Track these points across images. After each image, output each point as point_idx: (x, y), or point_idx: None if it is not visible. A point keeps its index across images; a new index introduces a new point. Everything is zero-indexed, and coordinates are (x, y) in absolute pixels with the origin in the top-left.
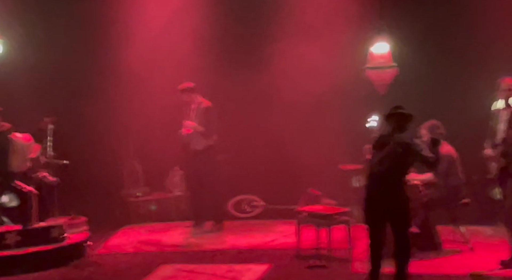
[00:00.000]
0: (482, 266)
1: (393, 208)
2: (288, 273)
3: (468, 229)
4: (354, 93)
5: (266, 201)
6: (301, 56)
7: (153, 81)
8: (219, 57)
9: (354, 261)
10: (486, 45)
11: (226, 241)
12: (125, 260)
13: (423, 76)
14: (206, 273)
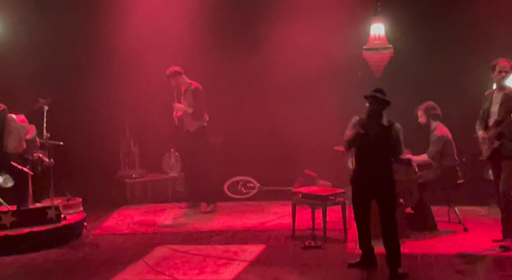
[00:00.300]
0: (475, 246)
1: (378, 188)
2: (283, 254)
3: (462, 210)
4: (350, 74)
5: (262, 182)
6: (297, 37)
7: (149, 62)
8: (214, 37)
9: (349, 241)
10: (481, 26)
11: (222, 222)
12: (121, 241)
13: (419, 58)
14: (201, 254)
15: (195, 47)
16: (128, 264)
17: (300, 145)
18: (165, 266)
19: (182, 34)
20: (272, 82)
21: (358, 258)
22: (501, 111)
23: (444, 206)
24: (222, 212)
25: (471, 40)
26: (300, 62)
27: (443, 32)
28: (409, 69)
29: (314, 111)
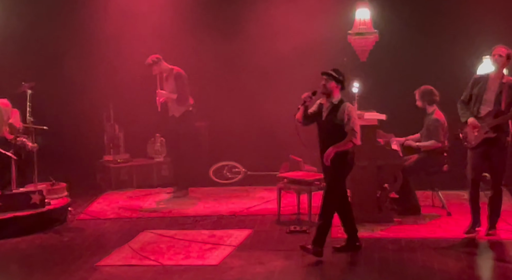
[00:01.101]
0: (459, 230)
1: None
2: (269, 238)
3: (446, 194)
4: (336, 59)
5: (247, 167)
6: (282, 21)
7: (133, 46)
8: (198, 21)
9: (333, 226)
10: (467, 10)
11: (208, 207)
12: (106, 226)
13: (404, 42)
14: (187, 239)
15: (178, 30)
16: (113, 249)
17: (286, 130)
18: (150, 251)
19: (164, 17)
20: (257, 66)
21: (343, 242)
22: (497, 100)
23: (428, 191)
24: (208, 197)
25: (456, 24)
26: (285, 47)
27: (428, 17)
28: (394, 53)
29: (300, 95)
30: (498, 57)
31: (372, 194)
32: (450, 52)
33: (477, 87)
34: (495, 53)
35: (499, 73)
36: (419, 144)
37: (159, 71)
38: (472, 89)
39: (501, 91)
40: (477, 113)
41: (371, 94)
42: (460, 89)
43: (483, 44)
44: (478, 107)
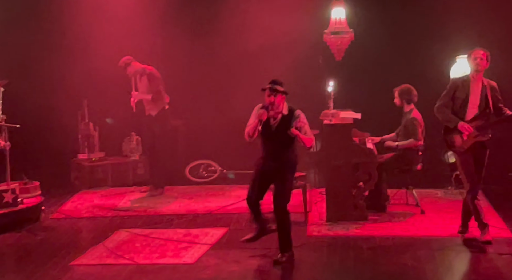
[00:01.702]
0: (432, 227)
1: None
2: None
3: (420, 192)
4: (312, 58)
5: (223, 166)
6: (257, 19)
7: (107, 45)
8: (172, 19)
9: (309, 224)
10: (441, 11)
11: (183, 206)
12: (80, 225)
13: (379, 42)
14: (162, 237)
15: (151, 29)
16: (87, 248)
17: None
18: (125, 250)
19: (137, 16)
20: (233, 65)
21: (318, 240)
22: (483, 103)
23: (402, 189)
24: (184, 196)
25: (431, 24)
26: (261, 46)
27: (403, 16)
28: (369, 53)
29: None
30: (480, 60)
31: (348, 192)
32: (424, 52)
33: (459, 90)
34: (476, 56)
35: (480, 75)
36: (398, 144)
37: (133, 71)
38: (454, 93)
39: (485, 93)
40: (463, 117)
41: (346, 93)
42: (434, 88)
43: (457, 44)
44: (464, 111)
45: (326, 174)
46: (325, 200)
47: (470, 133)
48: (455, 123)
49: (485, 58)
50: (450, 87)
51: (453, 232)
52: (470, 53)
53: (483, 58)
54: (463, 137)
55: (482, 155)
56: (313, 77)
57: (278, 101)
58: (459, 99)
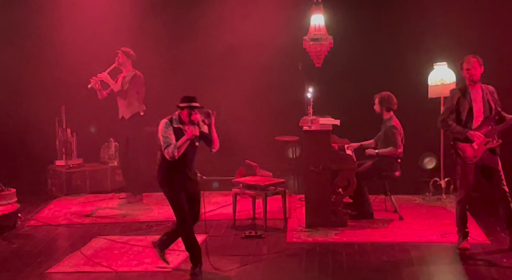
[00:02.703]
0: (410, 233)
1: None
2: (224, 243)
3: (398, 198)
4: (291, 64)
5: (202, 172)
6: (237, 26)
7: (86, 50)
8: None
9: (289, 231)
10: (420, 17)
11: (162, 213)
12: (57, 232)
13: (358, 48)
14: (141, 244)
15: (132, 36)
16: (64, 255)
17: (241, 135)
18: (103, 257)
19: (114, 20)
20: (211, 71)
21: (298, 246)
22: (486, 110)
23: (381, 195)
24: (163, 202)
25: (409, 31)
26: (240, 52)
27: (382, 23)
28: (349, 59)
29: (255, 101)
30: (473, 70)
31: (327, 198)
32: (402, 59)
33: (461, 102)
34: (468, 67)
35: (478, 83)
36: (378, 151)
37: (123, 63)
38: (456, 103)
39: (487, 99)
40: (471, 126)
41: (325, 100)
42: (412, 95)
43: (434, 51)
44: (471, 121)
45: (305, 180)
46: (304, 207)
47: (481, 141)
48: (465, 134)
49: (478, 66)
50: (451, 99)
51: (431, 238)
52: (461, 63)
53: (476, 66)
54: (473, 146)
55: (493, 162)
56: (292, 83)
57: (197, 118)
58: (464, 110)
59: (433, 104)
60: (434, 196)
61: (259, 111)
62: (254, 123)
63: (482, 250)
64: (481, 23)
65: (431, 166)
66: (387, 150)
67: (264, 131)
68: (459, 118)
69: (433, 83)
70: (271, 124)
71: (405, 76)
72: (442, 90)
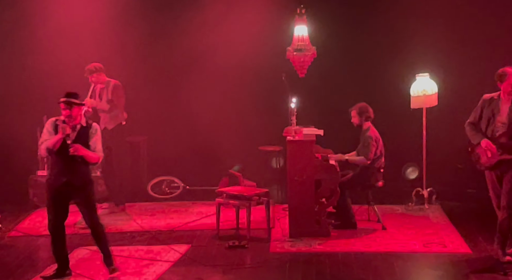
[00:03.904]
0: (393, 243)
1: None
2: (207, 254)
3: (381, 208)
4: (275, 74)
5: (186, 182)
6: (221, 36)
7: (68, 59)
8: (133, 33)
9: (272, 241)
10: (403, 29)
11: (145, 223)
12: (39, 243)
13: (342, 59)
14: (123, 255)
15: (112, 44)
16: (45, 266)
17: (225, 145)
18: (84, 268)
19: (99, 31)
20: (196, 81)
21: (281, 257)
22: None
23: (364, 205)
24: (146, 213)
25: (391, 42)
26: (224, 62)
27: (365, 34)
28: (332, 70)
29: (239, 111)
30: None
31: (310, 208)
32: (385, 69)
33: (489, 108)
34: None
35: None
36: (348, 158)
37: (97, 80)
38: (482, 110)
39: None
40: (491, 135)
41: (309, 110)
42: (395, 105)
43: (417, 62)
44: (493, 129)
45: (289, 190)
46: (288, 216)
47: (494, 151)
48: (478, 140)
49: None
50: (480, 104)
51: (414, 247)
52: (504, 75)
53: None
54: (487, 154)
55: (507, 173)
56: (276, 93)
57: (75, 114)
58: (488, 117)
59: (415, 115)
60: (416, 206)
61: (243, 121)
62: (238, 133)
63: (464, 260)
64: (462, 35)
65: (414, 176)
66: (357, 159)
67: (247, 141)
68: (482, 125)
69: (415, 93)
70: (255, 134)
71: (388, 86)
72: (424, 101)
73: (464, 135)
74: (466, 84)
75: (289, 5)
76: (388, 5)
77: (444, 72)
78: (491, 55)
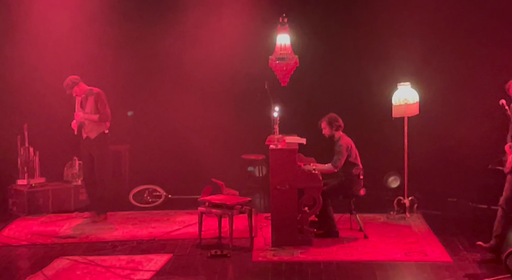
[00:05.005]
0: (375, 252)
1: None
2: (189, 263)
3: (363, 217)
4: (257, 82)
5: (168, 191)
6: (203, 44)
7: (49, 66)
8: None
9: (255, 250)
10: (385, 38)
11: (127, 232)
12: (18, 252)
13: (324, 68)
14: (104, 264)
15: (92, 52)
16: (25, 276)
17: (207, 154)
18: (65, 278)
19: (79, 37)
20: (178, 90)
21: (264, 266)
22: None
23: (346, 214)
24: (127, 222)
25: (373, 51)
26: (207, 71)
27: (347, 43)
28: (314, 78)
29: (222, 119)
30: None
31: (293, 217)
32: (367, 79)
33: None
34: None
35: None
36: (315, 168)
37: (79, 92)
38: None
39: None
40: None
41: (292, 118)
42: (377, 114)
43: (398, 72)
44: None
45: (271, 199)
46: (270, 225)
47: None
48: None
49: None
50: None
51: (395, 256)
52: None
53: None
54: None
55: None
56: (259, 102)
57: None
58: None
59: (397, 124)
60: (398, 215)
61: (225, 129)
62: (221, 141)
63: (445, 269)
64: (443, 45)
65: (395, 185)
66: (325, 167)
67: (230, 150)
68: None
69: (397, 102)
70: (238, 143)
71: (370, 95)
72: (405, 110)
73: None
74: (447, 93)
75: (271, 14)
76: (370, 15)
77: (425, 81)
78: (472, 64)
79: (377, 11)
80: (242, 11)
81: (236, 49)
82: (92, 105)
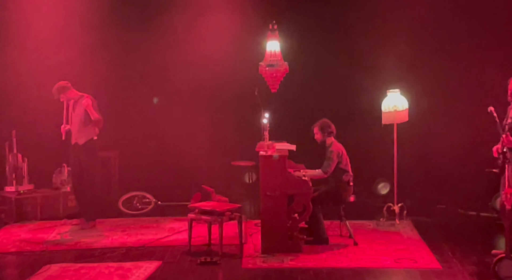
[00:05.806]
0: (365, 259)
1: None
2: (179, 270)
3: (353, 224)
4: (248, 89)
5: (158, 197)
6: (193, 50)
7: (37, 73)
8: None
9: (244, 256)
10: (374, 44)
11: (116, 239)
12: (6, 260)
13: (314, 74)
14: (93, 272)
15: (82, 58)
16: None
17: (197, 160)
18: None
19: (69, 42)
20: (168, 95)
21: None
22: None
23: (336, 220)
24: (116, 229)
25: (363, 58)
26: (197, 76)
27: (336, 50)
28: (304, 85)
29: (211, 126)
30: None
31: (283, 224)
32: (357, 85)
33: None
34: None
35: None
36: (305, 174)
37: (67, 98)
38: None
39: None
40: None
41: (281, 125)
42: (367, 121)
43: (388, 78)
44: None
45: (261, 206)
46: (260, 232)
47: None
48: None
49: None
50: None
51: (385, 263)
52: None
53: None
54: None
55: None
56: (249, 108)
57: None
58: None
59: (386, 130)
60: (388, 222)
61: (215, 136)
62: (211, 148)
63: (434, 275)
64: (432, 51)
65: (385, 192)
66: (315, 173)
67: (220, 156)
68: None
69: (386, 109)
70: (228, 149)
71: (359, 101)
72: (395, 117)
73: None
74: (436, 100)
75: (261, 21)
76: (360, 22)
77: (415, 88)
78: (461, 71)
79: (366, 18)
80: (232, 17)
81: (226, 56)
82: (81, 111)
